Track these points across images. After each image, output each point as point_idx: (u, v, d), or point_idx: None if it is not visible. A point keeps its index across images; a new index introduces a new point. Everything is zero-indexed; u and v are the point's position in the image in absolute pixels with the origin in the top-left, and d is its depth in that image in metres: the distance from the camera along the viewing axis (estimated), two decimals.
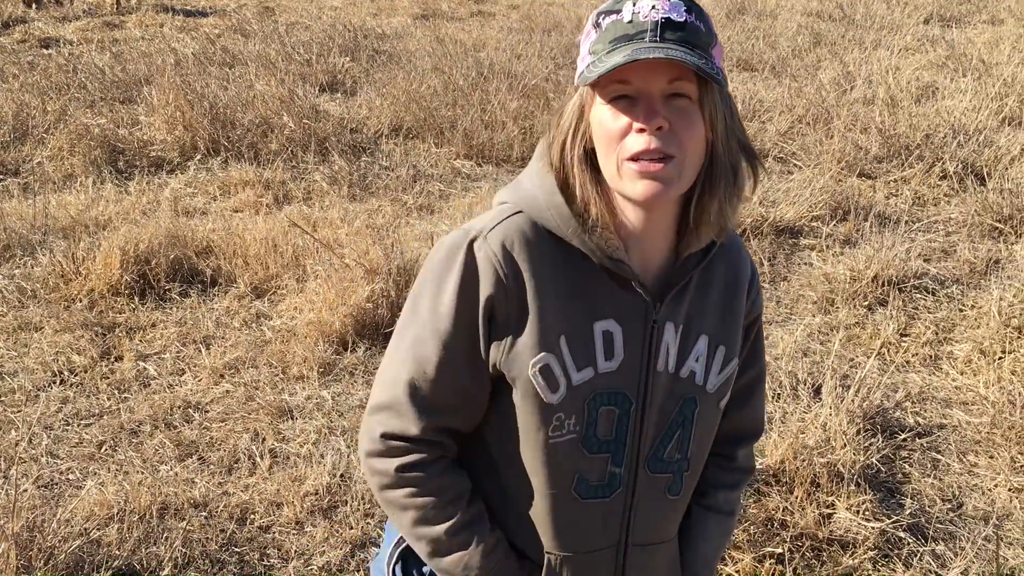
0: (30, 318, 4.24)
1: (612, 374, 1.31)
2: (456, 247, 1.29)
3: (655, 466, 1.38)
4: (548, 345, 1.28)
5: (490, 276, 1.27)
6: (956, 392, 3.72)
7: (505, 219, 1.30)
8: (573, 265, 1.29)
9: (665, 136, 1.18)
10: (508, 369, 1.30)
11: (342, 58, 8.38)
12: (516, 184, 1.35)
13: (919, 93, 7.09)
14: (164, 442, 3.41)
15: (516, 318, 1.28)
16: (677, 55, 1.15)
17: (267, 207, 5.47)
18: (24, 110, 6.70)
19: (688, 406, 1.37)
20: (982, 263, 4.71)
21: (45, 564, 2.66)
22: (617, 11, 1.22)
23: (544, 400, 1.29)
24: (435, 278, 1.31)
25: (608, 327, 1.30)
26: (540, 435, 1.31)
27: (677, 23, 1.19)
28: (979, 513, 3.08)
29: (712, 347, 1.38)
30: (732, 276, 1.41)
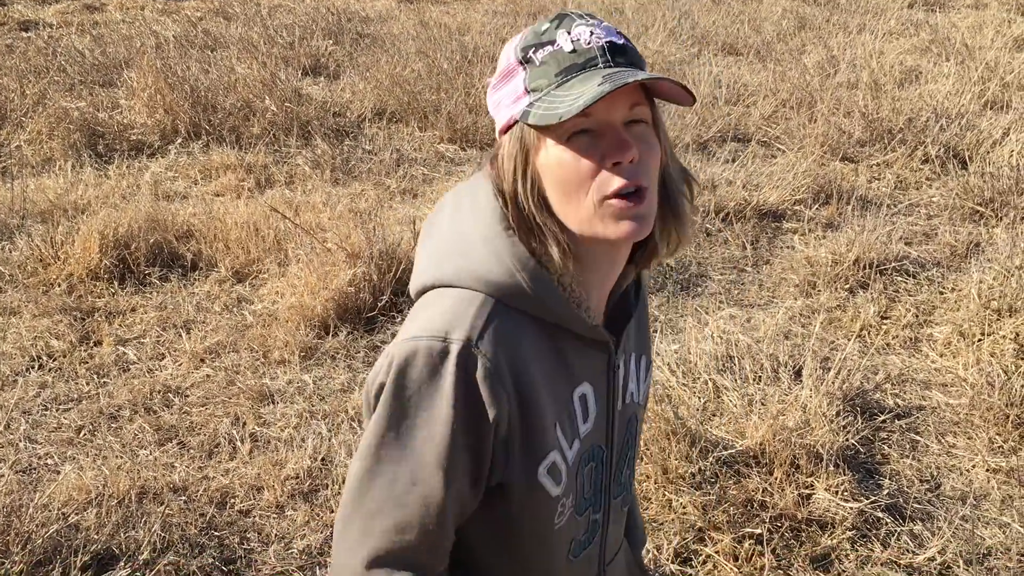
0: (8, 303, 4.20)
1: (590, 434, 1.25)
2: (435, 363, 1.09)
3: (617, 491, 1.36)
4: (551, 442, 1.18)
5: (494, 394, 1.10)
6: (935, 374, 3.74)
7: (488, 316, 1.12)
8: (546, 340, 1.17)
9: (636, 167, 1.10)
10: (509, 479, 1.17)
11: (325, 41, 8.31)
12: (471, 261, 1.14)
13: (902, 77, 7.10)
14: (144, 427, 3.39)
15: (519, 426, 1.14)
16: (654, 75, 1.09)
17: (249, 191, 5.44)
18: (2, 93, 6.63)
19: (633, 425, 1.36)
20: (963, 246, 4.73)
21: (22, 548, 2.65)
22: (550, 42, 1.12)
23: (552, 495, 1.20)
24: (411, 404, 1.11)
25: (583, 391, 1.23)
26: (546, 527, 1.22)
27: (619, 46, 1.12)
28: (957, 493, 3.10)
29: (640, 360, 1.35)
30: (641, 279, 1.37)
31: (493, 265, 1.13)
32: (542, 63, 1.11)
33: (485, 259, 1.13)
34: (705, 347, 3.67)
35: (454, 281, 1.15)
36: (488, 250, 1.14)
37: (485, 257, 1.13)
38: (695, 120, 6.12)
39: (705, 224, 4.90)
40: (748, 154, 5.71)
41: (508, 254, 1.13)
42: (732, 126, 6.19)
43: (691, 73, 7.12)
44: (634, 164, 1.09)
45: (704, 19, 9.02)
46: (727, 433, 3.22)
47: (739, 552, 2.79)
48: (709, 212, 4.96)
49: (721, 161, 5.65)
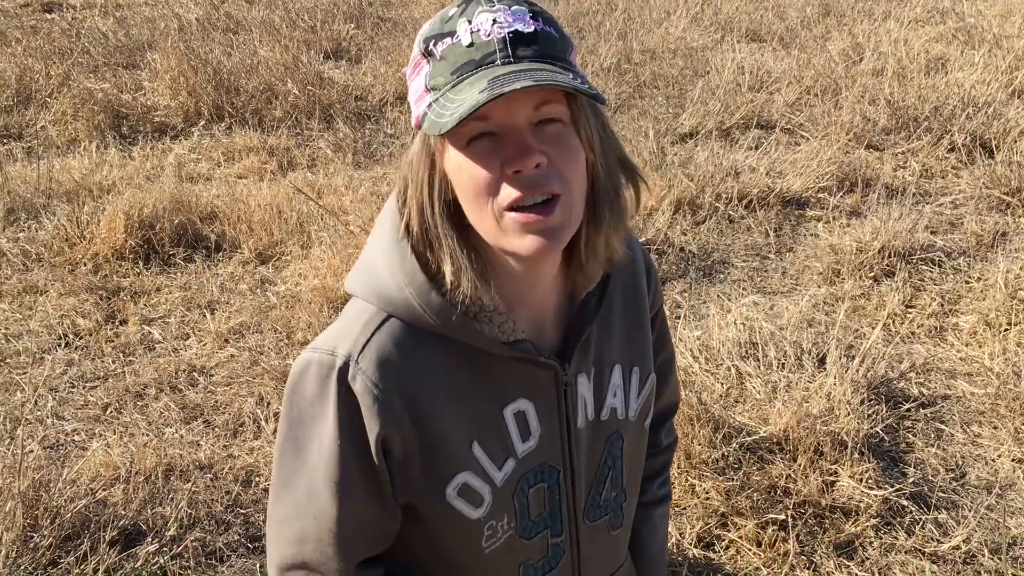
0: (35, 281, 4.24)
1: (533, 453, 1.17)
2: (324, 377, 1.07)
3: (594, 514, 1.27)
4: (462, 462, 1.11)
5: (374, 411, 1.06)
6: (961, 363, 3.71)
7: (375, 332, 1.07)
8: (464, 358, 1.10)
9: (544, 173, 0.99)
10: (418, 502, 1.13)
11: (347, 25, 8.30)
12: (373, 278, 1.09)
13: (928, 65, 7.02)
14: (169, 405, 3.42)
15: (416, 448, 1.09)
16: (548, 77, 0.94)
17: (271, 174, 5.45)
18: (27, 74, 6.66)
19: (615, 444, 1.26)
20: (989, 236, 4.69)
21: (51, 523, 2.68)
22: (451, 33, 1.00)
23: (470, 519, 1.14)
24: (308, 415, 1.09)
25: (519, 407, 1.14)
26: (474, 549, 1.16)
27: (527, 35, 0.98)
28: (982, 483, 3.09)
29: (627, 373, 1.25)
30: (631, 285, 1.26)
31: (386, 278, 1.08)
32: (441, 58, 1.00)
33: (381, 271, 1.09)
34: (728, 334, 3.66)
35: (358, 292, 1.11)
36: (384, 262, 1.09)
37: (381, 269, 1.09)
38: (718, 107, 6.08)
39: (728, 211, 4.88)
40: (771, 141, 5.68)
41: (398, 267, 1.07)
42: (755, 113, 6.15)
43: (714, 59, 7.08)
44: (541, 170, 0.99)
45: (727, 5, 8.94)
46: (750, 419, 3.21)
47: (762, 538, 2.79)
48: (732, 199, 4.93)
49: (744, 148, 5.61)
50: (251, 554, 2.79)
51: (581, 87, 0.96)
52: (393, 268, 1.07)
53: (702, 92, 6.26)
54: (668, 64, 7.13)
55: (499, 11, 0.99)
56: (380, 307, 1.08)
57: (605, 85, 6.76)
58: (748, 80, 6.60)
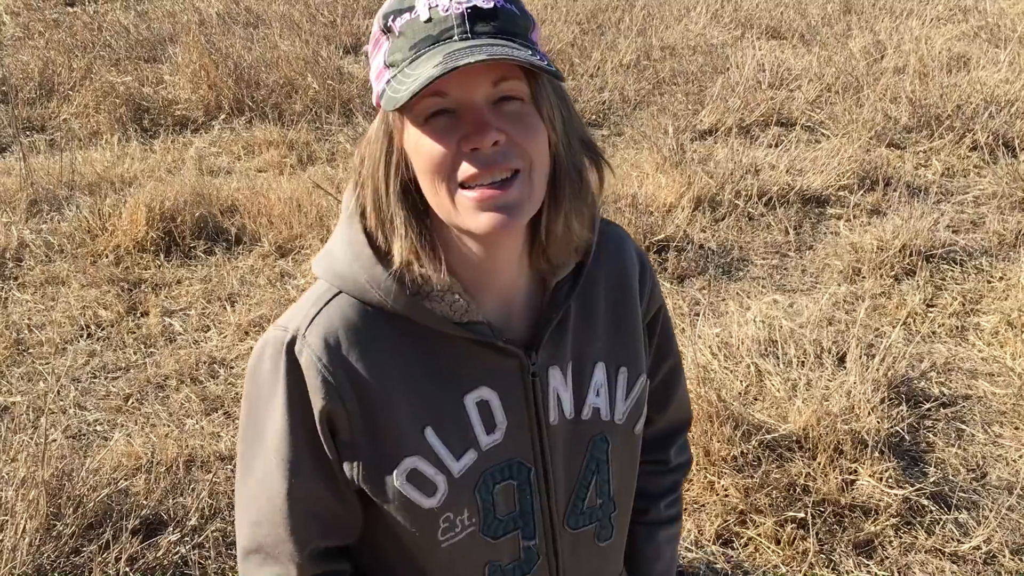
0: (57, 272, 4.27)
1: (499, 447, 1.12)
2: (276, 352, 1.07)
3: (576, 522, 1.22)
4: (410, 446, 1.08)
5: (319, 385, 1.05)
6: (982, 363, 3.69)
7: (324, 307, 1.07)
8: (420, 340, 1.08)
9: (503, 150, 0.98)
10: (369, 486, 1.10)
11: (366, 20, 8.32)
12: (328, 254, 1.10)
13: (950, 63, 6.97)
14: (190, 396, 3.44)
15: (363, 427, 1.07)
16: (502, 52, 0.93)
17: (291, 167, 5.47)
18: (50, 67, 6.72)
19: (599, 447, 1.20)
20: (1012, 235, 4.65)
21: (74, 511, 2.71)
22: (409, 8, 0.99)
23: (422, 507, 1.10)
24: (263, 394, 1.09)
25: (481, 396, 1.11)
26: (430, 543, 1.13)
27: (486, 11, 0.97)
28: (1003, 483, 3.07)
29: (612, 372, 1.20)
30: (617, 281, 1.22)
31: (338, 254, 1.09)
32: (400, 34, 0.99)
33: (334, 248, 1.10)
34: (748, 331, 3.65)
35: (316, 271, 1.12)
36: (339, 238, 1.10)
37: (335, 247, 1.10)
38: (738, 104, 6.06)
39: (748, 209, 4.87)
40: (792, 138, 5.65)
41: (347, 243, 1.08)
42: (776, 110, 6.12)
43: (734, 56, 7.05)
44: (499, 148, 0.97)
45: (747, 2, 8.91)
46: (769, 417, 3.20)
47: (781, 536, 2.79)
48: (752, 196, 4.92)
49: (764, 145, 5.59)
50: None
51: (537, 63, 0.94)
52: (344, 244, 1.08)
53: (722, 89, 6.24)
54: (688, 61, 7.11)
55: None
56: (332, 283, 1.09)
57: (624, 81, 6.75)
58: (768, 77, 6.58)
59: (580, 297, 1.17)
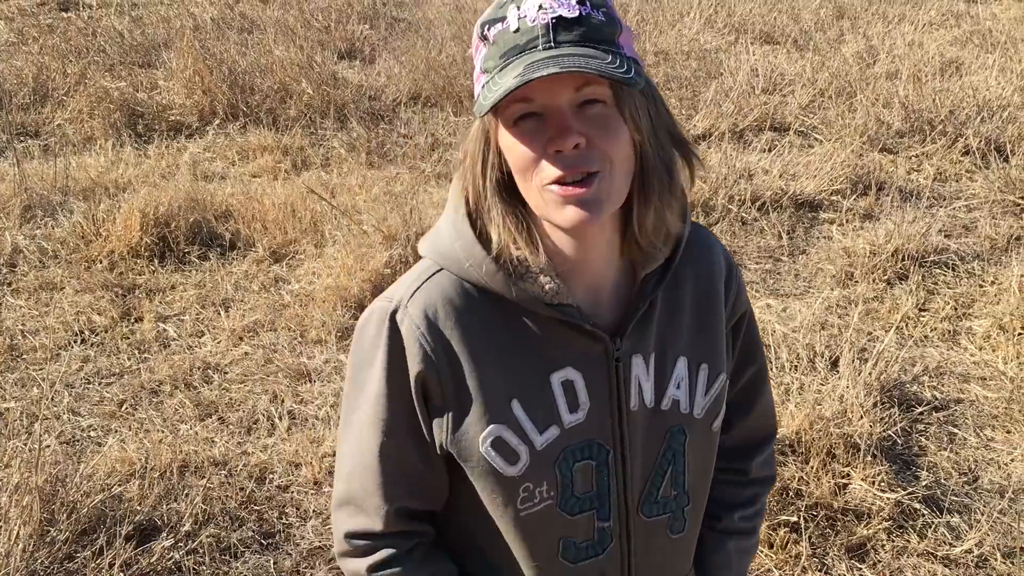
0: (51, 278, 4.27)
1: (580, 426, 1.18)
2: (380, 321, 1.16)
3: (650, 510, 1.25)
4: (497, 415, 1.15)
5: (416, 351, 1.13)
6: (974, 367, 3.70)
7: (426, 282, 1.16)
8: (512, 319, 1.16)
9: (584, 153, 1.04)
10: (456, 450, 1.17)
11: (361, 25, 8.33)
12: (435, 234, 1.20)
13: (943, 68, 7.00)
14: (184, 402, 3.44)
15: (454, 394, 1.15)
16: (576, 63, 1.00)
17: (285, 173, 5.48)
18: (44, 73, 6.72)
19: (676, 439, 1.24)
20: (1003, 239, 4.68)
21: (68, 517, 2.71)
22: (502, 19, 1.06)
23: (504, 475, 1.16)
24: (366, 358, 1.18)
25: (567, 376, 1.17)
26: (509, 510, 1.18)
27: (570, 20, 1.03)
28: (995, 487, 3.08)
29: (693, 368, 1.24)
30: (704, 281, 1.27)
31: (443, 234, 1.18)
32: (493, 42, 1.07)
33: (441, 228, 1.19)
34: None
35: (421, 250, 1.21)
36: (444, 221, 1.19)
37: (441, 226, 1.19)
38: (732, 109, 6.08)
39: (741, 213, 4.88)
40: (785, 143, 5.67)
41: (452, 224, 1.16)
42: (769, 115, 6.15)
43: (727, 61, 7.07)
44: (580, 150, 1.04)
45: (741, 7, 8.93)
46: None
47: (774, 539, 2.79)
48: (745, 201, 4.93)
49: (758, 150, 5.61)
50: (264, 550, 2.81)
51: (607, 70, 1.00)
52: (448, 226, 1.17)
53: (715, 94, 6.26)
54: (681, 66, 7.13)
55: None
56: (434, 261, 1.18)
57: None
58: (762, 82, 6.60)
59: (667, 291, 1.23)
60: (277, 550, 2.81)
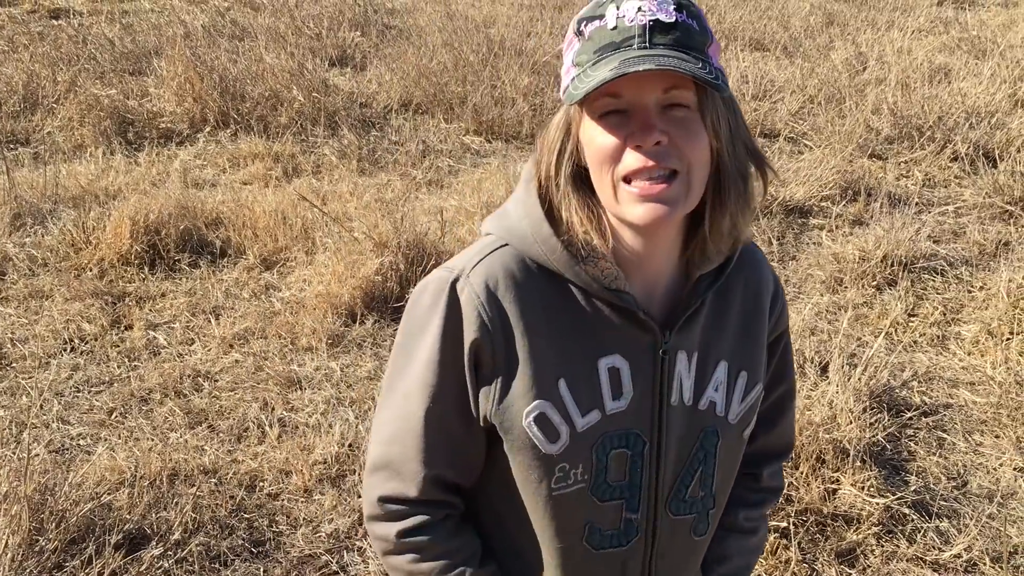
0: (40, 286, 4.26)
1: (621, 414, 1.20)
2: (439, 289, 1.18)
3: (678, 508, 1.27)
4: (543, 391, 1.17)
5: (473, 319, 1.16)
6: (963, 372, 3.72)
7: (489, 255, 1.19)
8: (569, 300, 1.19)
9: (665, 151, 1.08)
10: (500, 420, 1.19)
11: (352, 32, 8.34)
12: (502, 212, 1.23)
13: (932, 75, 7.05)
14: (174, 410, 3.43)
15: (504, 365, 1.17)
16: (670, 63, 1.03)
17: (276, 180, 5.48)
18: (34, 80, 6.70)
19: (709, 439, 1.26)
20: (992, 245, 4.70)
21: (57, 526, 2.69)
22: (600, 16, 1.10)
23: (543, 451, 1.18)
24: (419, 324, 1.21)
25: (614, 363, 1.19)
26: (542, 488, 1.21)
27: (667, 24, 1.07)
28: (983, 492, 3.10)
29: (733, 373, 1.27)
30: (752, 293, 1.30)
31: (511, 212, 1.21)
32: (589, 38, 1.11)
33: (509, 208, 1.22)
34: None
35: (486, 227, 1.24)
36: (515, 199, 1.22)
37: (510, 204, 1.22)
38: None
39: None
40: (775, 150, 5.69)
41: (522, 203, 1.20)
42: (759, 122, 6.17)
43: None
44: (661, 147, 1.07)
45: (731, 14, 8.98)
46: None
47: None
48: None
49: None
50: (254, 559, 2.80)
51: (699, 73, 1.04)
52: (518, 203, 1.21)
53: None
54: None
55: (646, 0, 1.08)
56: (499, 236, 1.21)
57: None
58: (752, 88, 6.63)
59: (716, 295, 1.25)
60: (267, 558, 2.80)
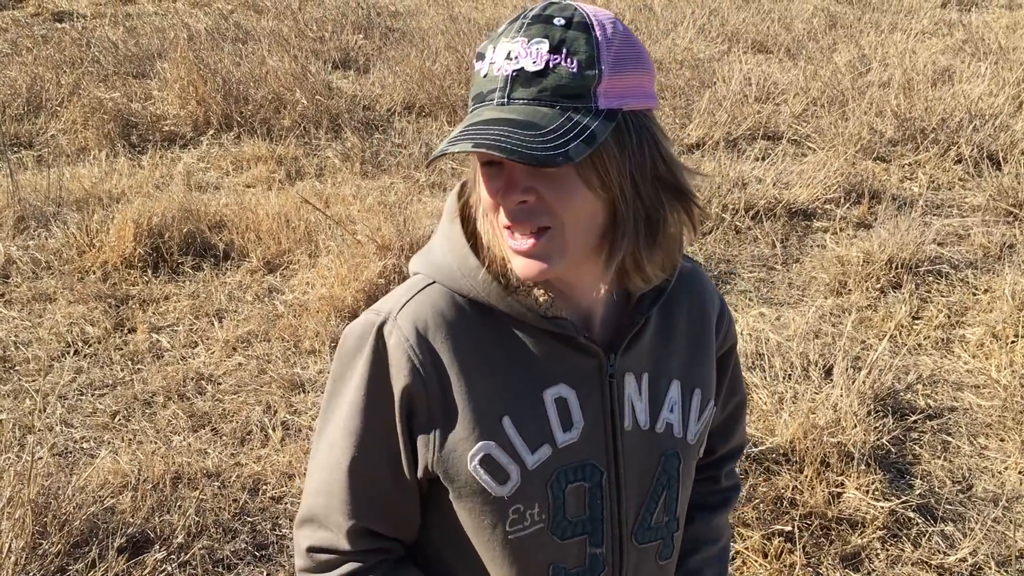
0: (44, 289, 4.26)
1: (574, 446, 1.14)
2: (365, 333, 1.12)
3: (644, 536, 1.22)
4: (486, 432, 1.11)
5: (403, 365, 1.09)
6: (968, 375, 3.71)
7: (416, 294, 1.13)
8: (505, 333, 1.13)
9: (531, 208, 1.02)
10: (444, 469, 1.12)
11: (355, 35, 8.35)
12: (428, 249, 1.17)
13: (935, 77, 7.04)
14: (177, 413, 3.43)
15: (442, 409, 1.11)
16: (493, 137, 0.96)
17: (279, 183, 5.48)
18: (38, 83, 6.71)
19: (671, 463, 1.22)
20: (996, 247, 4.69)
21: (60, 530, 2.69)
22: (482, 56, 1.04)
23: (493, 495, 1.12)
24: (344, 371, 1.14)
25: (560, 393, 1.13)
26: (497, 533, 1.14)
27: (531, 74, 0.99)
28: (989, 495, 3.08)
29: (686, 392, 1.23)
30: (698, 310, 1.26)
31: (435, 248, 1.16)
32: (474, 76, 1.06)
33: (434, 242, 1.17)
34: None
35: (413, 266, 1.19)
36: (438, 234, 1.17)
37: (435, 240, 1.17)
38: (725, 118, 6.10)
39: (735, 222, 4.89)
40: (779, 152, 5.69)
41: (446, 238, 1.15)
42: (762, 124, 6.17)
43: (721, 70, 7.10)
44: (527, 206, 1.02)
45: (734, 16, 8.97)
46: (757, 430, 3.22)
47: (768, 549, 2.79)
48: (739, 210, 4.94)
49: (751, 159, 5.62)
50: (258, 562, 2.80)
51: (526, 148, 0.95)
52: (442, 238, 1.15)
53: (709, 103, 6.28)
54: (675, 75, 7.15)
55: (518, 41, 1.00)
56: (427, 274, 1.15)
57: None
58: (755, 91, 6.62)
59: (661, 314, 1.21)
60: (270, 562, 2.80)
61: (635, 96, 1.04)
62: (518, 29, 1.01)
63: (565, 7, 1.03)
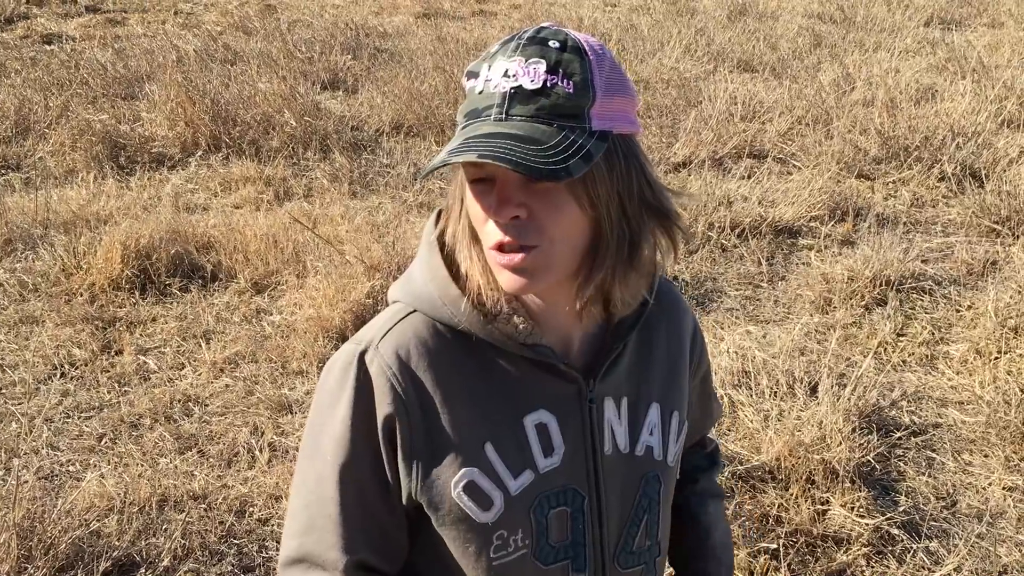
0: (31, 311, 4.26)
1: (555, 471, 1.16)
2: (347, 363, 1.13)
3: (626, 560, 1.23)
4: (470, 458, 1.12)
5: (386, 393, 1.10)
6: (952, 392, 3.74)
7: (397, 323, 1.14)
8: (486, 360, 1.14)
9: (523, 225, 1.03)
10: (427, 497, 1.13)
11: (344, 56, 8.38)
12: (407, 278, 1.18)
13: (919, 95, 7.11)
14: (164, 435, 3.43)
15: (424, 437, 1.12)
16: (500, 149, 0.97)
17: (268, 203, 5.49)
18: (26, 105, 6.72)
19: (652, 486, 1.24)
20: (979, 264, 4.73)
21: (45, 554, 2.68)
22: (476, 74, 1.06)
23: (477, 521, 1.13)
24: (329, 403, 1.14)
25: (540, 419, 1.15)
26: (481, 560, 1.15)
27: (529, 92, 1.01)
28: (973, 511, 3.10)
29: (666, 415, 1.25)
30: (675, 331, 1.29)
31: (416, 276, 1.16)
32: (466, 95, 1.07)
33: (413, 271, 1.17)
34: (721, 362, 3.68)
35: (393, 295, 1.20)
36: (418, 262, 1.17)
37: (414, 268, 1.18)
38: (711, 137, 6.14)
39: (721, 240, 4.92)
40: (764, 170, 5.73)
41: (426, 265, 1.15)
42: (748, 142, 6.22)
43: (707, 89, 7.16)
44: (519, 222, 1.03)
45: (720, 36, 9.05)
46: (743, 448, 3.23)
47: (754, 567, 2.80)
48: (725, 228, 4.98)
49: (737, 177, 5.67)
50: None
51: (531, 161, 0.97)
52: (422, 266, 1.15)
53: (695, 122, 6.33)
54: (661, 94, 7.21)
55: (515, 60, 1.03)
56: (407, 303, 1.15)
57: None
58: (740, 110, 6.68)
59: (640, 336, 1.23)
60: None
61: (623, 120, 1.07)
62: (515, 49, 1.03)
63: (557, 32, 1.06)
